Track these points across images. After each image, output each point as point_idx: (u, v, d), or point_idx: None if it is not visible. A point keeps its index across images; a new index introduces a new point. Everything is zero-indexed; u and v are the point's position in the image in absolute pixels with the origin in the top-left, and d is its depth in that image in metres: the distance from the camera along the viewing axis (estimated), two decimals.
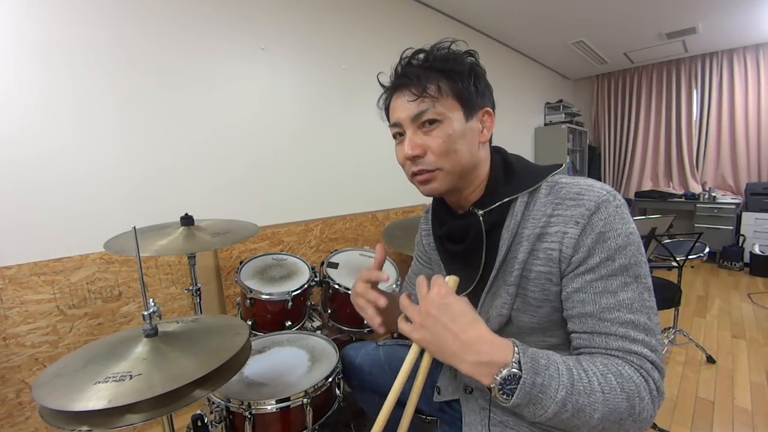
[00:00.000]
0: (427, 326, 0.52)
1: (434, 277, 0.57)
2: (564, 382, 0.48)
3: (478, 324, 0.52)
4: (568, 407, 0.48)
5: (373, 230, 2.53)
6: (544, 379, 0.48)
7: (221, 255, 1.81)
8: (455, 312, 0.52)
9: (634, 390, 0.50)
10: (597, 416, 0.49)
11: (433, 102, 0.62)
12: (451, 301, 0.53)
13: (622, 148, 5.08)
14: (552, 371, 0.49)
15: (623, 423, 0.50)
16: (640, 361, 0.52)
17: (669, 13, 3.22)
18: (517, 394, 0.47)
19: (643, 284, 0.56)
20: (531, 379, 0.48)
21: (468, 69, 0.64)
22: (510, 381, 0.48)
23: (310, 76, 2.17)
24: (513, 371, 0.48)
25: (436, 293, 0.53)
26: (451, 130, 0.62)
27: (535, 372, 0.48)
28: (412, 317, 0.54)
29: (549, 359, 0.50)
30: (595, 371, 0.51)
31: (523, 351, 0.50)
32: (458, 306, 0.52)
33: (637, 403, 0.50)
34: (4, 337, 1.30)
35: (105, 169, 1.49)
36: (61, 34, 1.37)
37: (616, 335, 0.54)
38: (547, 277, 0.60)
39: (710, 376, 1.95)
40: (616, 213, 0.57)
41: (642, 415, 0.50)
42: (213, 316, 0.95)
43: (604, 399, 0.49)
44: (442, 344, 0.52)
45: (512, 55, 4.01)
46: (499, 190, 0.66)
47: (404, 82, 0.64)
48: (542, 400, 0.48)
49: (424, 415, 0.96)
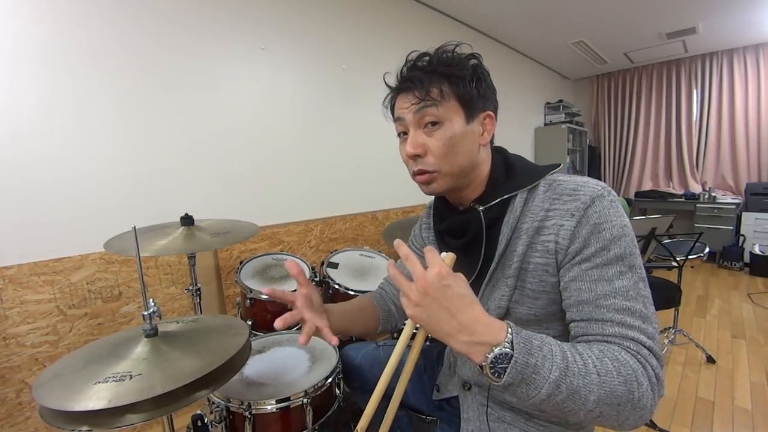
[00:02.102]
0: (424, 305, 0.52)
1: (429, 252, 0.54)
2: (557, 363, 0.48)
3: (475, 306, 0.52)
4: (562, 388, 0.48)
5: (373, 230, 2.53)
6: (537, 360, 0.48)
7: (221, 255, 1.81)
8: (453, 294, 0.51)
9: (632, 374, 0.49)
10: (593, 398, 0.48)
11: (436, 105, 0.64)
12: (450, 282, 0.52)
13: (622, 148, 5.08)
14: (545, 352, 0.49)
15: (621, 409, 0.49)
16: (637, 347, 0.52)
17: (669, 13, 3.22)
18: (508, 372, 0.47)
19: (638, 274, 0.57)
20: (523, 359, 0.47)
21: (470, 73, 0.66)
22: (501, 360, 0.48)
23: (310, 76, 2.17)
24: (505, 350, 0.48)
25: (437, 274, 0.51)
26: (452, 132, 0.65)
27: (527, 352, 0.48)
28: (408, 294, 0.53)
29: (543, 341, 0.50)
30: (591, 355, 0.51)
31: (517, 332, 0.50)
32: (457, 288, 0.52)
33: (635, 388, 0.49)
34: (4, 337, 1.30)
35: (105, 168, 1.49)
36: (61, 35, 1.37)
37: (612, 321, 0.55)
38: (545, 269, 0.63)
39: (710, 376, 1.95)
40: (610, 206, 0.59)
41: (641, 401, 0.49)
42: (213, 316, 0.95)
43: (599, 381, 0.48)
44: (437, 323, 0.52)
45: (512, 55, 4.02)
46: (499, 187, 0.69)
47: (408, 85, 0.66)
48: (535, 380, 0.48)
49: (423, 414, 0.97)
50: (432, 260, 0.53)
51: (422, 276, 0.52)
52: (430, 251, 0.54)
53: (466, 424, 0.76)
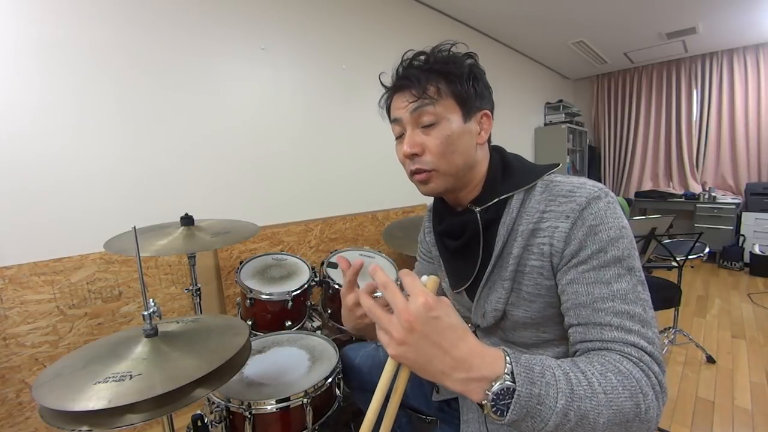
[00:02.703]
0: (410, 343, 0.44)
1: (406, 277, 0.47)
2: (562, 389, 0.44)
3: (468, 336, 0.46)
4: (570, 416, 0.44)
5: (373, 230, 2.53)
6: (541, 389, 0.44)
7: (221, 255, 1.81)
8: (444, 326, 0.45)
9: (636, 387, 0.47)
10: (602, 421, 0.45)
11: (433, 103, 0.63)
12: (440, 314, 0.45)
13: (622, 148, 5.08)
14: (548, 378, 0.45)
15: (630, 426, 0.47)
16: (639, 354, 0.51)
17: (669, 13, 3.22)
18: (512, 409, 0.43)
19: (637, 277, 0.56)
20: (527, 390, 0.43)
21: (467, 71, 0.65)
22: (503, 396, 0.43)
23: (311, 76, 2.17)
24: (506, 384, 0.43)
25: (423, 305, 0.44)
26: (449, 131, 0.64)
27: (530, 382, 0.44)
28: (388, 330, 0.46)
29: (543, 365, 0.46)
30: (594, 372, 0.48)
31: (516, 360, 0.45)
32: (447, 319, 0.45)
33: (641, 400, 0.47)
34: (4, 337, 1.30)
35: (105, 168, 1.49)
36: (62, 35, 1.37)
37: (611, 326, 0.53)
38: (540, 272, 0.62)
39: (710, 376, 1.95)
40: (607, 208, 0.58)
41: (648, 414, 0.47)
42: (213, 316, 0.95)
43: (607, 401, 0.46)
44: (428, 363, 0.45)
45: (512, 55, 4.01)
46: (496, 187, 0.68)
47: (405, 84, 0.65)
48: (541, 411, 0.44)
49: (423, 415, 0.97)
50: (413, 288, 0.45)
51: (405, 309, 0.44)
52: (407, 275, 0.47)
53: (466, 426, 0.76)
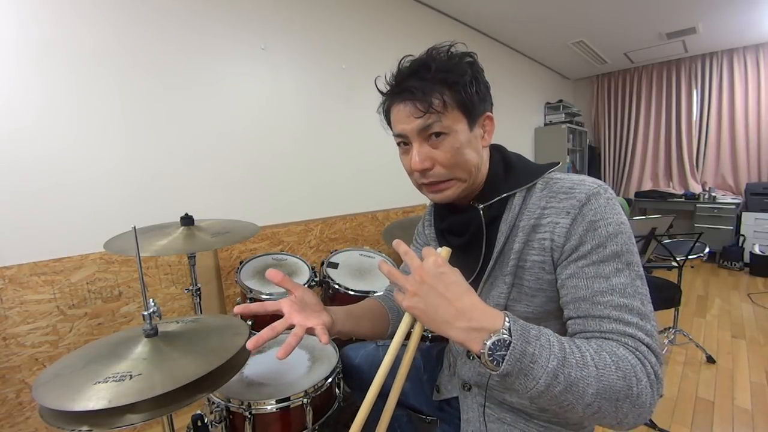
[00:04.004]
0: (421, 294, 0.53)
1: (425, 248, 0.57)
2: (555, 353, 0.48)
3: (471, 293, 0.53)
4: (560, 379, 0.47)
5: (373, 230, 2.53)
6: (535, 349, 0.48)
7: (221, 255, 1.81)
8: (450, 280, 0.53)
9: (630, 370, 0.49)
10: (591, 391, 0.47)
11: (439, 116, 0.62)
12: (446, 270, 0.53)
13: (622, 148, 5.08)
14: (543, 341, 0.49)
15: (620, 405, 0.48)
16: (635, 344, 0.52)
17: (669, 13, 3.22)
18: (507, 359, 0.47)
19: (636, 272, 0.57)
20: (521, 347, 0.47)
21: (469, 76, 0.63)
22: (499, 347, 0.48)
23: (311, 76, 2.17)
24: (503, 337, 0.48)
25: (432, 262, 0.53)
26: (458, 143, 0.63)
27: (525, 340, 0.48)
28: (404, 286, 0.55)
29: (540, 331, 0.50)
30: (588, 348, 0.50)
31: (514, 320, 0.50)
32: (453, 275, 0.53)
33: (634, 383, 0.48)
34: (4, 337, 1.30)
35: (105, 169, 1.49)
36: (62, 35, 1.37)
37: (610, 318, 0.54)
38: (541, 266, 0.63)
39: (710, 376, 1.95)
40: (606, 204, 0.59)
41: (640, 398, 0.48)
42: (213, 316, 0.95)
43: (597, 374, 0.48)
44: (435, 312, 0.52)
45: (512, 56, 4.01)
46: (498, 185, 0.69)
47: (407, 96, 0.63)
48: (533, 369, 0.47)
49: (423, 415, 0.97)
50: (427, 252, 0.56)
51: (419, 266, 0.54)
52: (425, 248, 0.57)
53: (466, 425, 0.76)
